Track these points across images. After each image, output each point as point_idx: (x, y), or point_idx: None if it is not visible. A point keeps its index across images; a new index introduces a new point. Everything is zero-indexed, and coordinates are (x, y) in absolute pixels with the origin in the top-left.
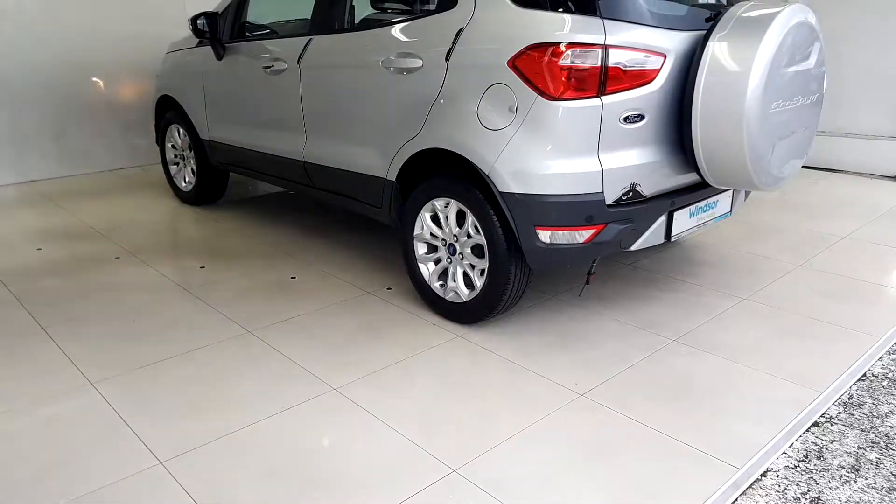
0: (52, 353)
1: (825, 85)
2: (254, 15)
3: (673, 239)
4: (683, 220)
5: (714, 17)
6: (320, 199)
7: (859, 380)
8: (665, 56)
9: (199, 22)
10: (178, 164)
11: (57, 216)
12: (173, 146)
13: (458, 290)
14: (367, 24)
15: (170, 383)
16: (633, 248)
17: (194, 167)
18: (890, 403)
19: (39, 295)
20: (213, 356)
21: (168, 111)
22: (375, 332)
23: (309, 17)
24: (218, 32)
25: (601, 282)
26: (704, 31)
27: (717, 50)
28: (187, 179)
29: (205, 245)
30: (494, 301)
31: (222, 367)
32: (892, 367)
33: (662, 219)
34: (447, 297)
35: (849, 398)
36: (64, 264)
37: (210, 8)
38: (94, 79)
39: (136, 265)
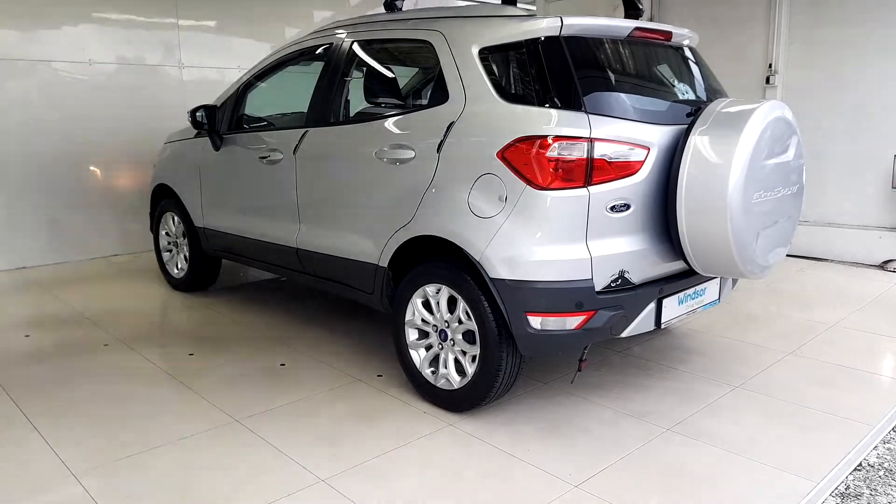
0: (35, 442)
1: (805, 176)
2: (251, 108)
3: (663, 326)
4: (673, 308)
5: (695, 112)
6: (312, 285)
7: (855, 469)
8: (649, 149)
9: (198, 114)
10: (171, 251)
11: (47, 303)
12: (167, 233)
13: (450, 377)
14: (362, 117)
15: (154, 474)
16: (623, 334)
17: (187, 254)
18: (888, 494)
19: (25, 382)
20: (199, 445)
21: (163, 199)
22: (365, 420)
23: (305, 110)
24: (216, 124)
25: (593, 369)
26: (686, 126)
27: (699, 143)
28: (180, 266)
29: (194, 332)
30: (486, 388)
31: (208, 456)
32: (888, 457)
33: (652, 306)
34: (438, 384)
35: (846, 489)
36: (51, 351)
37: (208, 101)
38: (91, 167)
39: (124, 352)
